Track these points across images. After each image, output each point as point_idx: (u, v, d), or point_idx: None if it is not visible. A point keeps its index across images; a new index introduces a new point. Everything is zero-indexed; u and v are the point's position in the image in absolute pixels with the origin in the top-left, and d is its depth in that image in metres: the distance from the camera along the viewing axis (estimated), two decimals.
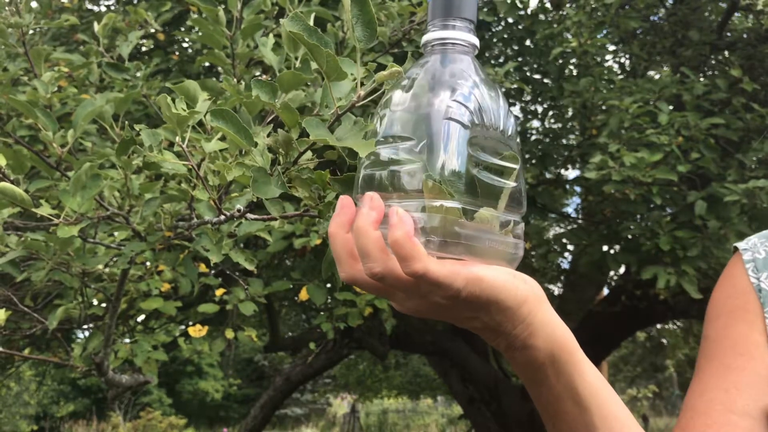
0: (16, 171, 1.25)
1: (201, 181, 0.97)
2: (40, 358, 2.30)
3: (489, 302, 0.57)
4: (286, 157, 0.79)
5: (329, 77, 0.68)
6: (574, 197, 4.52)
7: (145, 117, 3.30)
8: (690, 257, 2.89)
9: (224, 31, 1.49)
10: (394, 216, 0.55)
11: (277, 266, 4.07)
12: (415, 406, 19.34)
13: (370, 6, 0.66)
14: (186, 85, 1.02)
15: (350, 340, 4.73)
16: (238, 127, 0.76)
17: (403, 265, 0.55)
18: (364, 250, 0.57)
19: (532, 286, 0.60)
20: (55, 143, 1.24)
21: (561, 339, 0.61)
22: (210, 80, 1.66)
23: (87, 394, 16.44)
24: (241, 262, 1.49)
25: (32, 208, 1.10)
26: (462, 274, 0.56)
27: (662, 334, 9.49)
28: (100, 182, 1.16)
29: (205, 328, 2.49)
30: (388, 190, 0.58)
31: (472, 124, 0.57)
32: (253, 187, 0.75)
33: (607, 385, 0.62)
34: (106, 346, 1.72)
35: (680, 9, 3.85)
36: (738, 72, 3.09)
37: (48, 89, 1.57)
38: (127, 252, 1.29)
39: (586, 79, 3.30)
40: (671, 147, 2.77)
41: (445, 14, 0.60)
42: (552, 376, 0.61)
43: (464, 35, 0.60)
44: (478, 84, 0.59)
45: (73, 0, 3.86)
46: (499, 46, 4.11)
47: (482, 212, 0.57)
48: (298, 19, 0.67)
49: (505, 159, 0.59)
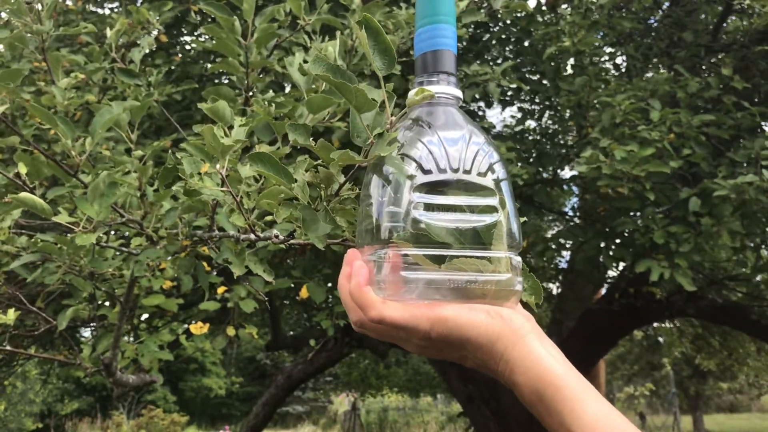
0: (33, 177, 1.27)
1: (238, 206, 0.99)
2: (45, 357, 2.32)
3: (462, 341, 0.57)
4: (327, 190, 0.80)
5: (359, 111, 0.69)
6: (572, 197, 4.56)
7: (147, 117, 3.33)
8: (683, 252, 2.92)
9: (239, 40, 1.50)
10: (353, 268, 0.60)
11: (278, 265, 4.12)
12: (415, 403, 19.36)
13: (383, 35, 0.68)
14: (216, 107, 1.04)
15: (351, 338, 4.77)
16: (277, 168, 0.79)
17: (364, 313, 0.58)
18: (344, 302, 0.62)
19: (510, 320, 0.58)
20: (74, 151, 1.24)
21: (544, 374, 0.56)
22: (224, 88, 1.68)
23: (91, 393, 16.52)
24: (261, 274, 1.51)
25: (51, 216, 1.12)
26: (426, 315, 0.57)
27: (659, 333, 9.52)
28: (116, 190, 1.18)
29: (206, 325, 2.53)
30: (372, 242, 0.61)
31: (422, 172, 0.59)
32: (303, 226, 0.76)
33: (611, 417, 0.54)
34: (114, 347, 1.76)
35: (675, 11, 3.89)
36: (729, 71, 3.13)
37: (65, 95, 1.60)
38: (143, 259, 1.32)
39: (582, 78, 3.34)
40: (663, 143, 2.81)
41: (427, 70, 0.66)
42: (545, 415, 0.56)
43: (445, 88, 0.65)
44: (438, 130, 0.62)
45: (77, 2, 3.91)
46: (497, 48, 4.15)
47: (460, 256, 0.58)
48: (321, 61, 0.70)
49: (478, 196, 0.60)
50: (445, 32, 0.66)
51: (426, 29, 0.66)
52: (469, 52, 4.00)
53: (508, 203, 0.62)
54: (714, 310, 4.54)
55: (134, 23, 2.36)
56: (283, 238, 1.00)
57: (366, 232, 0.62)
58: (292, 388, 5.79)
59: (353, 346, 4.96)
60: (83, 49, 2.96)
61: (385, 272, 0.59)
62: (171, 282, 2.16)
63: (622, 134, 2.90)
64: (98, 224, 1.18)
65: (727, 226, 2.88)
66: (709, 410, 21.31)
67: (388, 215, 0.59)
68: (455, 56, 0.67)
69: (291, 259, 4.23)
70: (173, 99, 3.20)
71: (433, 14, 0.65)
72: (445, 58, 0.66)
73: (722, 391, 19.24)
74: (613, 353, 14.60)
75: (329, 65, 0.70)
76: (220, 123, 1.02)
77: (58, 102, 1.60)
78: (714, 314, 4.79)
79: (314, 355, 5.05)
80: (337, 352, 5.06)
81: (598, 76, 3.49)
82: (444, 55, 0.65)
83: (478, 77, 2.96)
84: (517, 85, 3.14)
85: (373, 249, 0.61)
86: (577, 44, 3.13)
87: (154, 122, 3.37)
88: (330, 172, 0.78)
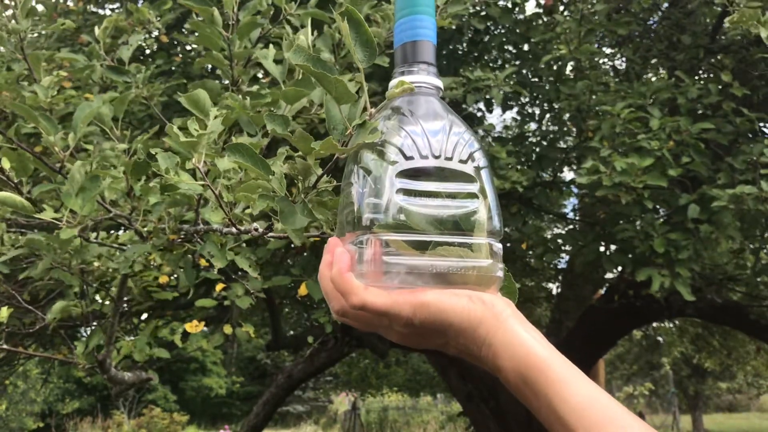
0: (20, 173, 1.26)
1: (217, 199, 0.98)
2: (43, 356, 2.32)
3: (444, 326, 0.57)
4: (304, 182, 0.79)
5: (339, 102, 0.69)
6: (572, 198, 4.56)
7: (148, 118, 3.34)
8: (682, 260, 2.93)
9: (221, 33, 1.50)
10: (334, 255, 0.60)
11: (278, 264, 4.12)
12: (414, 403, 19.37)
13: (365, 27, 0.68)
14: (196, 95, 1.03)
15: (351, 338, 4.78)
16: (255, 159, 0.78)
17: (345, 300, 0.58)
18: (324, 291, 0.61)
19: (492, 305, 0.58)
20: (57, 146, 1.24)
21: (527, 357, 0.55)
22: (210, 81, 1.68)
23: (92, 392, 16.55)
24: (246, 268, 1.50)
25: (34, 214, 1.11)
26: (408, 301, 0.56)
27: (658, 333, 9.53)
28: (99, 183, 1.17)
29: (201, 323, 2.54)
30: (353, 228, 0.61)
31: (404, 158, 0.60)
32: (281, 218, 0.76)
33: (599, 400, 0.53)
34: (108, 344, 1.76)
35: (674, 13, 3.89)
36: (728, 77, 3.13)
37: (48, 93, 1.61)
38: (130, 255, 1.31)
39: (583, 82, 3.34)
40: (662, 151, 2.82)
41: (406, 60, 0.66)
42: (532, 399, 0.55)
43: (425, 78, 0.65)
44: (419, 119, 0.62)
45: (78, 3, 3.92)
46: (496, 52, 4.16)
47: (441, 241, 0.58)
48: (301, 51, 0.70)
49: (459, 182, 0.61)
50: (424, 23, 0.66)
51: (405, 20, 0.66)
52: (468, 54, 4.01)
53: (489, 191, 0.62)
54: (713, 310, 4.54)
55: (134, 22, 2.36)
56: (263, 230, 1.00)
57: (347, 219, 0.62)
58: (293, 388, 5.79)
59: (353, 345, 4.96)
60: (84, 49, 2.97)
61: (366, 259, 0.58)
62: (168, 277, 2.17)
63: (622, 143, 2.91)
64: (83, 219, 1.17)
65: (726, 233, 2.89)
66: (708, 410, 21.31)
67: (369, 202, 0.59)
68: (435, 47, 0.67)
69: (291, 259, 4.24)
70: (173, 99, 3.21)
71: (412, 5, 0.66)
72: (425, 48, 0.66)
73: (721, 390, 19.25)
74: (613, 353, 14.61)
75: (309, 55, 0.69)
76: (200, 114, 1.00)
77: (41, 100, 1.60)
78: (713, 314, 4.79)
79: (314, 354, 5.05)
80: (337, 351, 5.07)
81: (599, 79, 3.50)
82: (423, 46, 0.66)
83: (480, 82, 2.97)
84: (517, 89, 3.15)
85: (355, 236, 0.60)
86: (573, 52, 3.14)
87: (155, 122, 3.38)
88: (307, 164, 0.77)
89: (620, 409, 0.53)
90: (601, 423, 0.51)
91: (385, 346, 4.95)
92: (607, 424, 0.51)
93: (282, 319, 5.81)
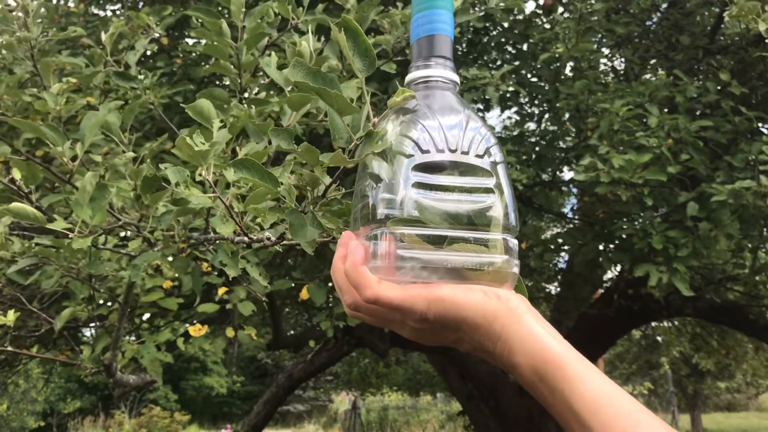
0: (29, 182, 1.26)
1: (228, 210, 0.97)
2: (47, 357, 2.33)
3: (458, 321, 0.56)
4: (313, 192, 0.79)
5: (341, 114, 0.68)
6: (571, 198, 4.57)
7: (149, 119, 3.35)
8: (681, 257, 2.94)
9: (229, 42, 1.49)
10: (348, 249, 0.59)
11: (279, 266, 4.14)
12: (414, 402, 19.38)
13: (363, 37, 0.67)
14: (200, 105, 1.02)
15: (351, 338, 4.79)
16: (262, 173, 0.77)
17: (359, 293, 0.57)
18: (337, 284, 0.61)
19: (507, 300, 0.57)
20: (66, 157, 1.24)
21: (544, 353, 0.54)
22: (217, 90, 1.69)
23: (93, 391, 16.57)
24: (256, 276, 1.49)
25: (45, 224, 1.11)
26: (422, 296, 0.56)
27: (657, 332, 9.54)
28: (107, 192, 1.16)
29: (204, 327, 2.55)
30: (368, 222, 0.60)
31: (420, 152, 0.59)
32: (290, 232, 0.75)
33: (615, 397, 0.52)
34: (114, 348, 1.77)
35: (672, 13, 3.91)
36: (726, 76, 3.15)
37: (57, 101, 1.61)
38: (140, 263, 1.30)
39: (582, 81, 3.35)
40: (661, 149, 2.83)
41: (422, 55, 0.65)
42: (547, 395, 0.54)
43: (441, 72, 0.64)
44: (436, 113, 0.61)
45: (79, 5, 3.92)
46: (495, 51, 4.17)
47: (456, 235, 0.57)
48: (299, 66, 0.68)
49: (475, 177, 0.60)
50: (442, 17, 0.64)
51: (422, 14, 0.65)
52: (468, 55, 4.02)
53: (505, 186, 0.61)
54: (712, 310, 4.55)
55: (134, 27, 2.37)
56: (275, 240, 1.00)
57: (361, 213, 0.61)
58: (293, 387, 5.81)
59: (353, 345, 4.97)
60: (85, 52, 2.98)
61: (380, 253, 0.57)
62: (171, 282, 2.18)
63: (620, 141, 2.92)
64: (94, 228, 1.17)
65: (725, 231, 2.90)
66: (707, 409, 21.32)
67: (384, 196, 0.58)
68: (452, 41, 0.65)
69: (292, 259, 4.25)
70: (174, 101, 3.23)
71: (430, 0, 0.65)
72: (442, 42, 0.64)
73: (720, 390, 19.26)
74: (612, 352, 14.62)
75: (308, 70, 0.68)
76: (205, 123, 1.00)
77: (51, 107, 1.60)
78: (712, 314, 4.80)
79: (315, 354, 5.07)
80: (337, 351, 5.08)
81: (597, 79, 3.51)
82: (440, 40, 0.64)
83: (477, 81, 2.97)
84: (515, 89, 3.16)
85: (369, 229, 0.60)
86: (570, 50, 3.15)
87: (156, 124, 3.39)
88: (314, 175, 0.76)
89: (636, 405, 0.52)
90: (617, 419, 0.50)
91: (385, 346, 4.97)
92: (623, 420, 0.50)
93: (282, 319, 5.83)
